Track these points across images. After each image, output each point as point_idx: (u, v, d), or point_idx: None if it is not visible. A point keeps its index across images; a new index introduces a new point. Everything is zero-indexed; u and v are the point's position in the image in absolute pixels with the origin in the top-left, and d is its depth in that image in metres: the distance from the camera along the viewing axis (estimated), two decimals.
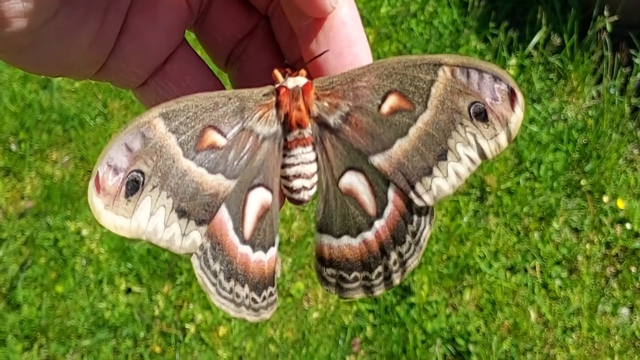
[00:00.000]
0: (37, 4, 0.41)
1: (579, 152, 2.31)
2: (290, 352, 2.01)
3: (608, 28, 2.36)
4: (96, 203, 0.44)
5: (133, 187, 0.45)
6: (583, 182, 2.24)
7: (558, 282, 2.08)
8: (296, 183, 0.52)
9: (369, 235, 0.52)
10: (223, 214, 0.50)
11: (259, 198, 0.52)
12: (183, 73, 0.52)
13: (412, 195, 0.50)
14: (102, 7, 0.46)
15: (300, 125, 0.50)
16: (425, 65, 0.48)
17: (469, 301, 2.06)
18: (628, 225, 2.15)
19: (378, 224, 0.52)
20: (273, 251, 0.54)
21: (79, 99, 2.61)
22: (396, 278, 0.53)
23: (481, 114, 0.48)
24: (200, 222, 0.49)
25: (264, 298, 0.53)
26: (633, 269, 2.09)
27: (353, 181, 0.52)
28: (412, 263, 0.52)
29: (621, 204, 2.17)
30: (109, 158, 0.44)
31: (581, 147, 2.31)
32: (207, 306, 2.10)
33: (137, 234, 0.46)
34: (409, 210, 0.51)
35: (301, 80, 0.49)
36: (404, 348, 1.98)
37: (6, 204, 2.36)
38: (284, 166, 0.52)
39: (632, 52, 2.39)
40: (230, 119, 0.49)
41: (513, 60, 2.51)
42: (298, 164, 0.51)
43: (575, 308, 2.03)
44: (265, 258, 0.53)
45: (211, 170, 0.48)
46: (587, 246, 2.13)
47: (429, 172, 0.50)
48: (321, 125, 0.51)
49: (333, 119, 0.50)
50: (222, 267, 0.51)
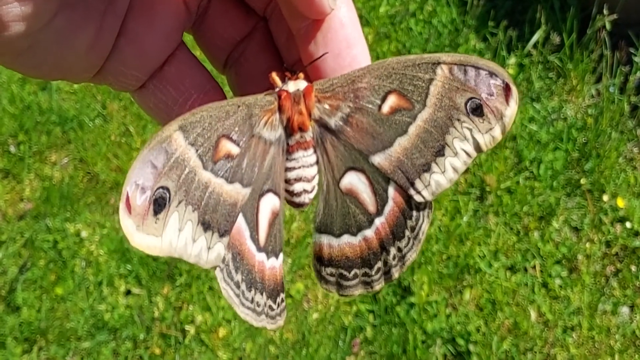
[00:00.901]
0: (35, 8, 0.41)
1: (579, 151, 2.30)
2: (290, 353, 2.01)
3: (607, 26, 2.35)
4: (128, 225, 0.43)
5: (160, 205, 0.44)
6: (583, 181, 2.23)
7: (558, 282, 2.08)
8: (297, 186, 0.52)
9: (369, 232, 0.53)
10: (241, 223, 0.50)
11: (270, 204, 0.52)
12: (181, 76, 0.51)
13: (412, 191, 0.51)
14: (100, 11, 0.46)
15: (301, 128, 0.51)
16: (424, 64, 0.49)
17: (469, 301, 2.06)
18: (628, 224, 2.15)
19: (378, 221, 0.53)
20: (281, 257, 0.54)
21: (78, 101, 2.61)
22: (395, 272, 0.54)
23: (477, 109, 0.49)
24: (222, 234, 0.48)
25: (278, 305, 0.53)
26: (633, 268, 2.08)
27: (354, 181, 0.52)
28: (411, 257, 0.53)
29: (621, 203, 2.17)
30: (137, 177, 0.43)
31: (581, 146, 2.31)
32: (207, 307, 2.10)
33: (169, 252, 0.45)
34: (409, 206, 0.52)
35: (302, 83, 0.50)
36: (404, 348, 1.98)
37: (5, 206, 2.36)
38: (286, 170, 0.52)
39: (632, 51, 2.39)
40: (240, 127, 0.49)
41: (512, 59, 2.51)
42: (299, 168, 0.52)
43: (575, 307, 2.03)
44: (277, 264, 0.53)
45: (229, 179, 0.48)
46: (587, 245, 2.13)
47: (428, 169, 0.50)
48: (322, 127, 0.51)
49: (334, 121, 0.51)
50: (244, 277, 0.51)
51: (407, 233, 0.52)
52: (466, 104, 0.49)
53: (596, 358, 1.95)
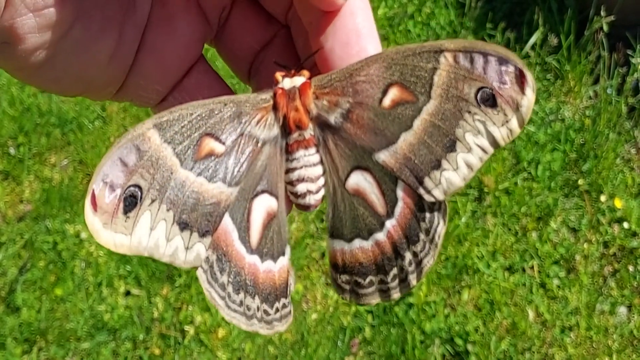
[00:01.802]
0: (50, 18, 0.40)
1: (577, 152, 2.31)
2: (289, 353, 2.01)
3: (605, 28, 2.36)
4: (94, 222, 0.42)
5: (131, 203, 0.43)
6: (580, 182, 2.24)
7: (556, 282, 2.08)
8: (300, 187, 0.50)
9: (381, 236, 0.50)
10: (227, 224, 0.48)
11: (264, 205, 0.50)
12: (201, 87, 0.51)
13: (421, 190, 0.48)
14: (119, 21, 0.45)
15: (299, 126, 0.48)
16: (425, 53, 0.46)
17: (468, 301, 2.07)
18: (625, 224, 2.16)
19: (389, 224, 0.50)
20: (284, 261, 0.52)
21: (77, 102, 2.62)
22: (413, 279, 0.50)
23: (489, 100, 0.45)
24: (203, 234, 0.47)
25: (277, 310, 0.51)
26: (631, 268, 2.09)
27: (360, 181, 0.50)
28: (429, 262, 0.50)
29: (619, 204, 2.17)
30: (104, 174, 0.43)
31: (578, 147, 2.32)
32: (206, 308, 2.10)
33: (138, 251, 0.45)
34: (420, 207, 0.49)
35: (299, 80, 0.48)
36: (403, 348, 1.98)
37: (5, 208, 2.37)
38: (287, 171, 0.50)
39: (629, 52, 2.40)
40: (227, 125, 0.47)
41: None
42: (301, 167, 0.49)
43: (573, 307, 2.03)
44: (275, 268, 0.51)
45: (211, 178, 0.47)
46: (585, 246, 2.14)
47: (438, 166, 0.47)
48: (322, 125, 0.49)
49: (334, 118, 0.48)
50: (230, 279, 0.49)
51: (422, 236, 0.49)
52: (476, 95, 0.45)
53: (594, 358, 1.95)
